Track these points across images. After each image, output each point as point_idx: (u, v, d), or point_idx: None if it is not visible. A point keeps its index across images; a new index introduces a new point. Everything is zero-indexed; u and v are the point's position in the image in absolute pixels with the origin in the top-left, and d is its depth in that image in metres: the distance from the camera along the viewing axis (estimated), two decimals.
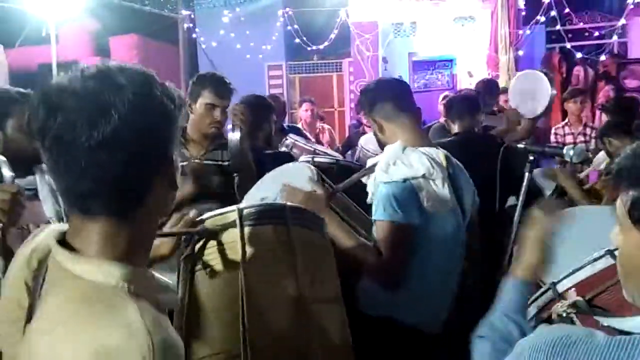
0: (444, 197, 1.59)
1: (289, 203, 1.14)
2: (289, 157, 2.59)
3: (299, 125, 4.91)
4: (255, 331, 0.94)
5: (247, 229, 1.02)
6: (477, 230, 1.92)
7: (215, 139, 2.21)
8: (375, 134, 1.78)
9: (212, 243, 1.02)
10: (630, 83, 5.87)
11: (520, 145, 1.87)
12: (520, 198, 1.85)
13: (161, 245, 1.07)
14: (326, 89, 8.41)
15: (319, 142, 4.50)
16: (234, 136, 1.99)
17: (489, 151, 2.31)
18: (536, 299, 1.17)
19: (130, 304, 0.66)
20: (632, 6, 6.27)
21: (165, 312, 0.74)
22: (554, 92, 2.74)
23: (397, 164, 1.58)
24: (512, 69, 6.97)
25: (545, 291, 1.16)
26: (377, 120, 1.70)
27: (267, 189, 1.76)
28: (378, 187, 1.58)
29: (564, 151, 1.74)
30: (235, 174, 2.07)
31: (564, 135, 4.48)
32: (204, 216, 1.08)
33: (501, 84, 6.54)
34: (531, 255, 1.09)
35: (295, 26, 7.57)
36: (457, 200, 1.66)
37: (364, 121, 4.83)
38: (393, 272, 1.54)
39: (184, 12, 7.93)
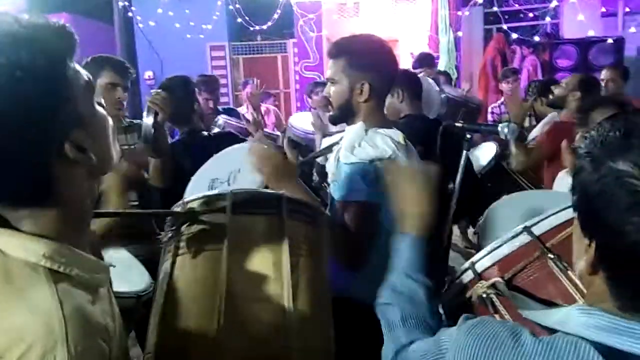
0: None
1: (286, 194, 1.06)
2: (232, 139, 2.55)
3: (243, 107, 4.84)
4: (230, 325, 0.89)
5: (237, 217, 0.96)
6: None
7: (119, 122, 2.15)
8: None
9: (197, 227, 0.97)
10: (562, 62, 6.14)
11: (457, 124, 1.92)
12: (458, 176, 1.91)
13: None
14: (271, 70, 8.30)
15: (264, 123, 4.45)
16: (147, 120, 1.91)
17: (431, 132, 2.36)
18: (456, 278, 1.16)
19: (44, 282, 0.67)
20: None
21: (96, 291, 0.74)
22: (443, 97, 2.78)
23: (363, 145, 1.57)
24: (453, 50, 7.14)
25: (465, 271, 1.14)
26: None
27: (218, 170, 1.72)
28: (343, 167, 1.57)
29: (499, 129, 1.80)
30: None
31: (500, 113, 4.65)
32: (192, 197, 1.02)
33: (441, 65, 6.70)
34: (416, 208, 1.08)
35: (237, 5, 7.38)
36: None
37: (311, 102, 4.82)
38: (358, 253, 1.54)
39: None
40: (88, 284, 0.73)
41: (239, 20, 7.42)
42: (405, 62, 7.31)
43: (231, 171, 1.66)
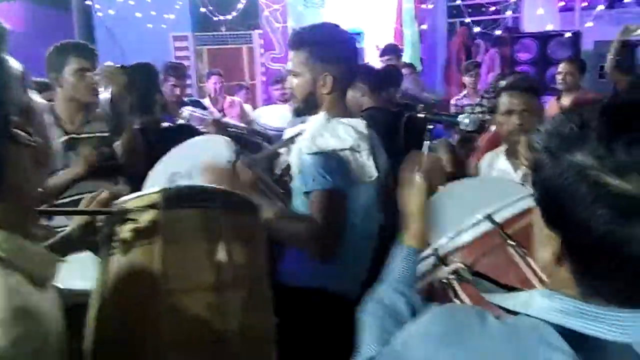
0: (369, 167, 1.62)
1: (221, 187, 1.09)
2: (190, 131, 2.51)
3: (207, 99, 4.76)
4: (167, 314, 0.91)
5: (170, 212, 0.97)
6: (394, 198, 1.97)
7: (90, 110, 2.10)
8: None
9: (130, 225, 0.97)
10: (522, 56, 6.28)
11: (420, 115, 1.94)
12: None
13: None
14: (236, 61, 8.19)
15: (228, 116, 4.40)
16: (103, 96, 1.88)
17: (394, 123, 2.38)
18: (418, 264, 1.16)
19: None
20: None
21: (43, 284, 0.74)
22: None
23: (324, 135, 1.56)
24: (417, 43, 7.22)
25: (428, 257, 1.16)
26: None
27: (177, 164, 1.69)
28: (305, 158, 1.56)
29: (459, 119, 1.82)
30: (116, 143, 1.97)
31: (463, 106, 4.74)
32: (126, 197, 1.03)
33: (406, 57, 6.76)
34: (419, 222, 1.09)
35: None
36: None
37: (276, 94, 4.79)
38: (331, 242, 1.54)
39: None
40: (36, 277, 0.72)
41: (203, 10, 7.29)
42: (371, 54, 7.37)
43: (193, 164, 1.63)
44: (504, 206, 1.15)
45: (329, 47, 1.64)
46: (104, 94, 1.93)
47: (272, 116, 3.64)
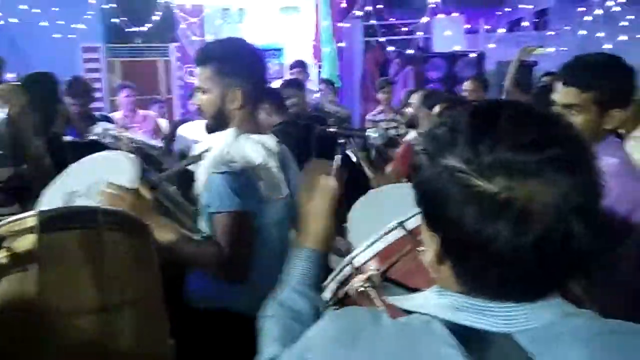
0: (278, 184, 1.59)
1: (103, 206, 1.04)
2: (99, 147, 2.38)
3: (118, 113, 4.58)
4: (49, 343, 0.87)
5: (48, 235, 0.92)
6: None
7: None
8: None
9: (5, 253, 0.91)
10: (432, 74, 6.64)
11: (331, 130, 1.98)
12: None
13: None
14: (152, 74, 7.94)
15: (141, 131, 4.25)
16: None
17: (306, 139, 2.41)
18: (336, 275, 1.17)
19: None
20: (433, 5, 7.07)
21: None
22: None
23: (232, 152, 1.52)
24: (335, 60, 7.40)
25: (345, 266, 1.16)
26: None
27: (76, 182, 1.57)
28: (212, 177, 1.51)
29: (368, 133, 1.89)
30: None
31: (377, 121, 4.90)
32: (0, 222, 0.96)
33: (324, 73, 6.91)
34: (321, 224, 1.08)
35: (113, 5, 6.97)
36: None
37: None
38: (238, 265, 1.49)
39: None
40: None
41: (116, 20, 7.02)
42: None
43: (92, 183, 1.54)
44: (417, 213, 1.19)
45: (237, 61, 1.61)
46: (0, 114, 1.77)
47: (195, 132, 3.56)
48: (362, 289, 1.08)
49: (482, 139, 0.61)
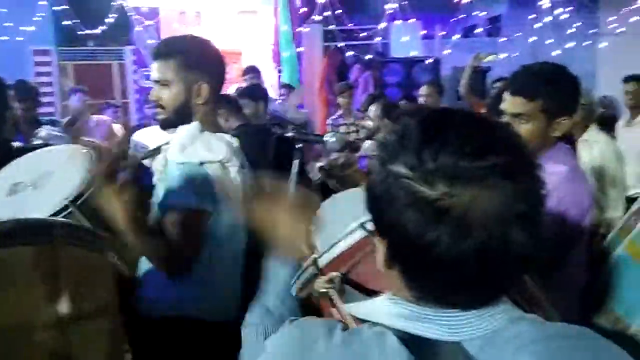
0: (237, 184, 1.56)
1: (59, 219, 0.98)
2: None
3: (68, 119, 4.43)
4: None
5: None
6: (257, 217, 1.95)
7: None
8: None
9: None
10: (390, 79, 6.74)
11: (288, 134, 1.98)
12: (290, 184, 1.96)
13: None
14: (106, 78, 7.73)
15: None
16: None
17: (264, 142, 2.39)
18: (299, 276, 1.17)
19: None
20: (391, 11, 7.19)
21: None
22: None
23: (196, 145, 1.48)
24: (295, 64, 7.40)
25: (307, 267, 1.16)
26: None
27: (22, 174, 1.50)
28: (171, 168, 1.47)
29: (325, 138, 1.90)
30: None
31: (338, 125, 4.92)
32: None
33: (284, 78, 6.91)
34: (291, 233, 1.09)
35: (65, 7, 6.75)
36: None
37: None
38: (183, 260, 1.45)
39: None
40: None
41: (67, 23, 6.79)
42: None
43: (41, 174, 1.47)
44: None
45: (203, 56, 1.58)
46: None
47: (152, 137, 3.47)
48: (324, 290, 1.08)
49: (428, 146, 0.62)
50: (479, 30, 8.12)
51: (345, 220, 1.24)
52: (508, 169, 0.61)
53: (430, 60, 6.73)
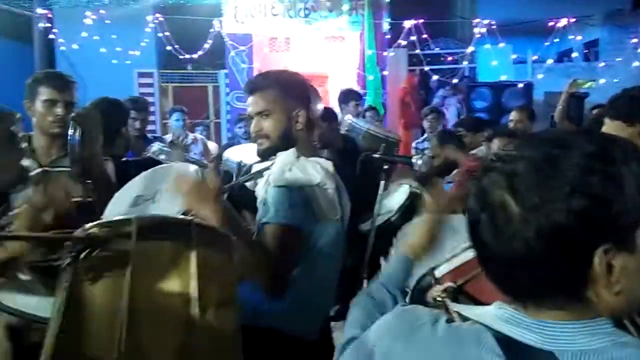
0: (334, 205, 1.62)
1: (196, 220, 1.05)
2: (154, 163, 2.49)
3: (169, 135, 4.75)
4: (132, 353, 0.87)
5: (142, 243, 0.93)
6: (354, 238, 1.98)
7: (65, 144, 2.03)
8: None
9: (98, 254, 0.93)
10: (478, 104, 6.58)
11: (376, 155, 2.00)
12: (376, 205, 1.97)
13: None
14: (201, 99, 8.23)
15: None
16: (73, 140, 1.82)
17: (351, 162, 2.43)
18: (417, 283, 1.26)
19: None
20: (478, 35, 7.06)
21: None
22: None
23: (293, 170, 1.56)
24: (379, 88, 7.46)
25: (424, 276, 1.25)
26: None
27: (142, 188, 1.66)
28: (272, 191, 1.55)
29: (413, 160, 1.90)
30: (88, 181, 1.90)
31: (423, 149, 4.87)
32: (94, 223, 0.99)
33: (369, 101, 6.97)
34: (419, 236, 1.17)
35: (167, 33, 7.31)
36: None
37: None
38: (281, 277, 1.51)
39: (40, 11, 7.26)
40: None
41: (169, 48, 7.34)
42: (334, 98, 7.55)
43: (158, 189, 1.61)
44: None
45: (296, 85, 1.69)
46: (75, 136, 1.85)
47: (242, 154, 3.65)
48: (439, 299, 1.17)
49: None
50: (574, 54, 7.75)
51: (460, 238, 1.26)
52: None
53: (522, 85, 6.50)
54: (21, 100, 2.12)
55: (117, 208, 1.59)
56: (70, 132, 1.83)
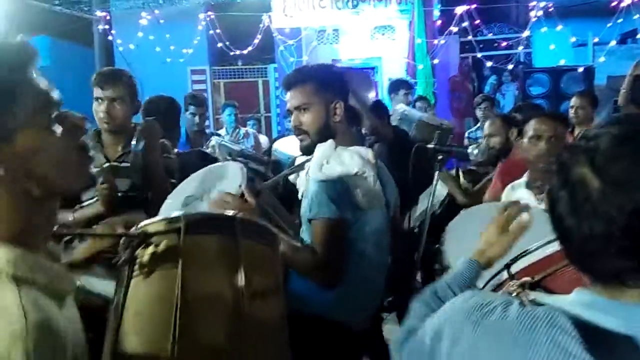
0: (376, 193, 1.62)
1: (240, 214, 1.09)
2: (203, 155, 2.60)
3: (223, 130, 4.86)
4: (186, 341, 0.90)
5: (191, 237, 0.97)
6: (401, 226, 1.97)
7: (130, 140, 2.12)
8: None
9: (152, 249, 0.98)
10: (535, 90, 6.31)
11: (430, 146, 1.96)
12: (430, 196, 1.94)
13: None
14: (252, 94, 8.36)
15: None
16: (136, 148, 1.92)
17: (402, 151, 2.40)
18: (492, 278, 1.25)
19: (8, 287, 0.69)
20: (535, 19, 6.77)
21: (62, 299, 0.77)
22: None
23: (330, 162, 1.58)
24: (430, 77, 7.32)
25: (500, 271, 1.24)
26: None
27: (193, 188, 1.73)
28: (312, 185, 1.57)
29: (469, 150, 1.85)
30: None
31: (476, 138, 4.74)
32: (147, 221, 1.03)
33: (419, 91, 6.85)
34: (490, 241, 1.18)
35: (218, 30, 7.46)
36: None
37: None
38: (332, 270, 1.53)
39: (99, 14, 7.59)
40: (54, 291, 0.74)
41: (220, 44, 7.50)
42: (384, 88, 7.47)
43: (205, 188, 1.67)
44: None
45: (332, 77, 1.70)
46: (138, 147, 1.95)
47: (291, 145, 3.71)
48: (516, 293, 1.13)
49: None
50: (639, 36, 7.30)
51: (476, 236, 1.23)
52: None
53: (582, 70, 6.18)
54: (83, 101, 2.23)
55: (170, 208, 1.67)
56: (133, 142, 1.94)
